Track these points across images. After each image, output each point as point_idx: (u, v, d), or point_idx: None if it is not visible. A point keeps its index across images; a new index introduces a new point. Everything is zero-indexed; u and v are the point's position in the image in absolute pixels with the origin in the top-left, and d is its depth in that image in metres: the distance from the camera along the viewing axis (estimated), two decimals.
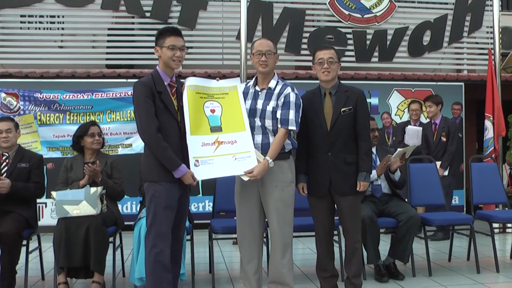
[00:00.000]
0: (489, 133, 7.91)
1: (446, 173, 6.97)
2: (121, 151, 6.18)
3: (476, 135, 11.10)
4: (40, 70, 8.21)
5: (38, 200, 4.97)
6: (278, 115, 3.93)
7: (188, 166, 3.67)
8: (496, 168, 6.14)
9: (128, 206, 7.72)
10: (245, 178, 3.78)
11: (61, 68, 8.34)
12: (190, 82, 3.88)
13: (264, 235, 4.46)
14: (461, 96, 8.97)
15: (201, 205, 8.02)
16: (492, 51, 8.17)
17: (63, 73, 8.18)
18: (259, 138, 3.96)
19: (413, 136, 7.35)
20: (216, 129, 3.83)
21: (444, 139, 7.01)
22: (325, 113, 4.17)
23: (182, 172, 3.62)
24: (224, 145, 3.79)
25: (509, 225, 7.47)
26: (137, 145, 6.08)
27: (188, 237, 4.73)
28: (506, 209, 6.38)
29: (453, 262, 5.69)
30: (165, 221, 3.69)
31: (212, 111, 3.88)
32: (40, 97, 6.00)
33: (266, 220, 4.15)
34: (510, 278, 4.99)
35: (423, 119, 8.63)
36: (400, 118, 8.52)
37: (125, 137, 6.16)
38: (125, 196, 5.20)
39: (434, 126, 7.13)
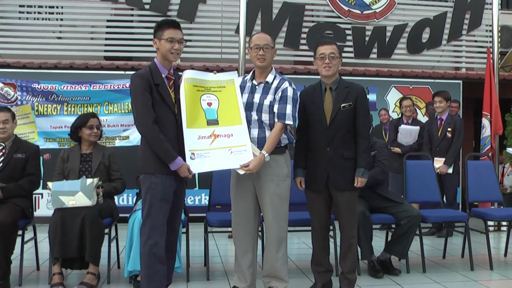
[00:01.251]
0: (486, 132, 7.93)
1: (450, 170, 6.96)
2: (118, 143, 6.17)
3: (473, 133, 11.12)
4: (38, 60, 8.20)
5: (34, 191, 4.97)
6: (275, 109, 3.94)
7: (184, 159, 3.68)
8: (492, 166, 6.16)
9: (124, 198, 7.72)
10: (241, 172, 3.79)
11: (59, 59, 8.33)
12: (187, 75, 3.88)
13: (259, 229, 4.48)
14: (459, 94, 8.98)
15: (197, 198, 8.03)
16: (491, 50, 8.18)
17: (61, 64, 8.17)
18: (255, 132, 3.96)
19: (406, 135, 7.35)
20: (212, 122, 3.84)
21: (449, 135, 7.01)
22: (325, 108, 4.17)
23: (178, 164, 3.63)
24: (220, 138, 3.80)
25: (503, 223, 7.48)
26: (134, 137, 6.07)
27: (184, 230, 4.75)
28: (501, 207, 6.41)
29: (447, 259, 5.71)
30: (160, 213, 3.69)
31: (209, 104, 3.88)
32: (38, 87, 5.98)
33: (261, 214, 4.17)
34: (503, 276, 5.01)
35: (420, 116, 8.67)
36: (398, 115, 8.52)
37: (122, 129, 6.14)
38: None
39: (440, 121, 7.12)
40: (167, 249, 3.82)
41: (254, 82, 4.10)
